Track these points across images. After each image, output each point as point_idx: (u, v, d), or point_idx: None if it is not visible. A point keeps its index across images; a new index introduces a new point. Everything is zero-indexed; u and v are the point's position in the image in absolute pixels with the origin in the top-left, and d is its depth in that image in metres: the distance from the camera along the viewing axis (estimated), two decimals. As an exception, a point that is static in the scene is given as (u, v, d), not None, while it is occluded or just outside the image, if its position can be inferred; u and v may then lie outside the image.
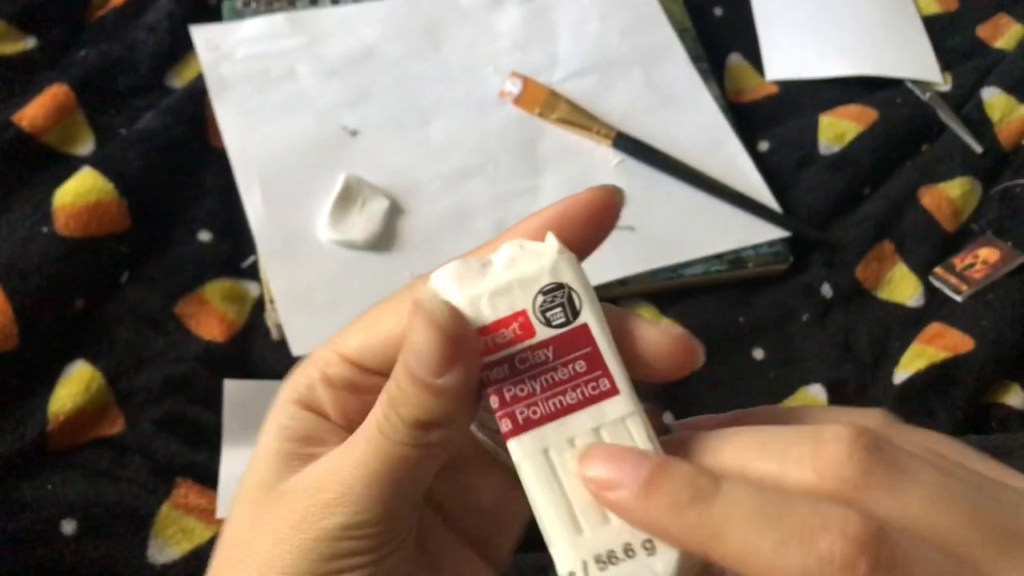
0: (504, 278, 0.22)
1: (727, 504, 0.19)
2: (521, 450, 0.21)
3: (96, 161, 0.53)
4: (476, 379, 0.22)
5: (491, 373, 0.21)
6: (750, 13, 0.70)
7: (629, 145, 0.59)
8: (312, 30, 0.62)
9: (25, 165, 0.54)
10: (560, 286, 0.22)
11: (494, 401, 0.21)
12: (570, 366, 0.21)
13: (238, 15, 0.62)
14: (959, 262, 0.56)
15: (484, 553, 0.27)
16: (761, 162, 0.60)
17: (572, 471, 0.21)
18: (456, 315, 0.21)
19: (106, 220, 0.51)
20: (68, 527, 0.43)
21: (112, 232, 0.51)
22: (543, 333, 0.21)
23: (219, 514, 0.45)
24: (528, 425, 0.21)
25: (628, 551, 0.20)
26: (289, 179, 0.55)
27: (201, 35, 0.60)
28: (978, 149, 0.61)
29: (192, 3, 0.62)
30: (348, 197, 0.54)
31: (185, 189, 0.55)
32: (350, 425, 0.25)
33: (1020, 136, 0.62)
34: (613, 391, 0.21)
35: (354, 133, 0.58)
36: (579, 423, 0.21)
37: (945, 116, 0.63)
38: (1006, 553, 0.18)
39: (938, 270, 0.56)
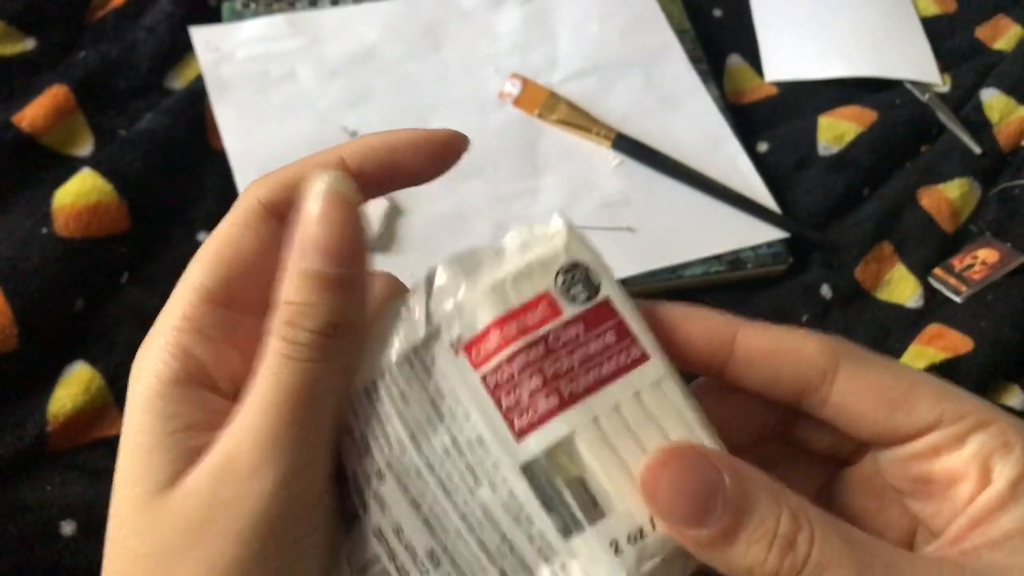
0: (522, 262, 0.22)
1: (826, 552, 0.20)
2: (571, 424, 0.21)
3: (96, 162, 0.53)
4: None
5: (528, 354, 0.22)
6: (749, 14, 0.70)
7: (629, 146, 0.59)
8: (312, 31, 0.62)
9: (25, 166, 0.54)
10: (577, 264, 0.23)
11: (536, 381, 0.21)
12: (601, 339, 0.22)
13: (238, 16, 0.63)
14: (958, 263, 0.56)
15: None
16: (760, 163, 0.60)
17: (624, 437, 0.21)
18: (356, 193, 0.22)
19: (106, 221, 0.51)
20: (68, 528, 0.43)
21: (112, 233, 0.51)
22: (569, 311, 0.22)
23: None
24: (573, 399, 0.21)
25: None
26: (289, 180, 0.55)
27: (201, 36, 0.60)
28: (977, 150, 0.61)
29: (192, 4, 0.62)
30: (348, 198, 0.54)
31: (185, 190, 0.55)
32: (231, 381, 0.23)
33: (1019, 137, 0.62)
34: (644, 357, 0.22)
35: (354, 134, 0.58)
36: (620, 391, 0.22)
37: (944, 117, 0.63)
38: None
39: (937, 271, 0.56)
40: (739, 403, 0.25)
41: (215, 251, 0.24)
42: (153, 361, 0.22)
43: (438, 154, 0.26)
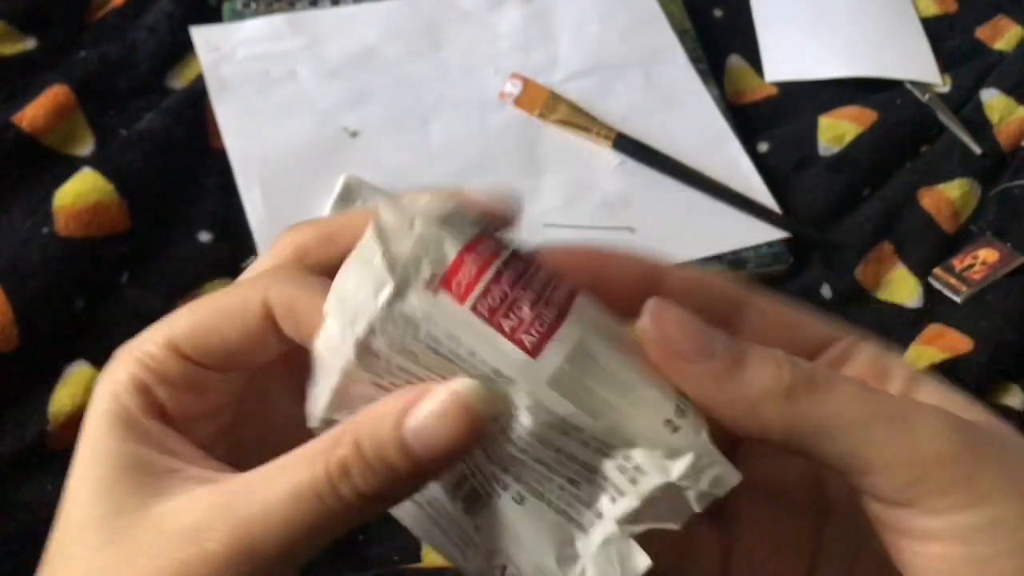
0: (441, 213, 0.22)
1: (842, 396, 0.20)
2: (577, 328, 0.21)
3: (96, 162, 0.53)
4: None
5: (511, 270, 0.21)
6: (750, 14, 0.70)
7: (629, 146, 0.59)
8: (312, 31, 0.62)
9: (25, 166, 0.54)
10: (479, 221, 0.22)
11: (530, 295, 0.21)
12: (538, 272, 0.22)
13: (238, 16, 0.63)
14: (958, 263, 0.56)
15: None
16: (760, 163, 0.60)
17: (624, 342, 0.21)
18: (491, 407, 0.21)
19: (106, 221, 0.51)
20: (68, 528, 0.43)
21: (112, 233, 0.51)
22: (502, 254, 0.22)
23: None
24: (566, 306, 0.21)
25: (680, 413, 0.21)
26: (289, 180, 0.55)
27: (201, 36, 0.60)
28: (977, 150, 0.61)
29: (192, 4, 0.62)
30: (348, 198, 0.54)
31: (185, 190, 0.55)
32: (189, 427, 0.23)
33: (1019, 137, 0.62)
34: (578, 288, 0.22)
35: (354, 134, 0.58)
36: (587, 311, 0.22)
37: (944, 117, 0.63)
38: None
39: (937, 271, 0.56)
40: None
41: (201, 315, 0.23)
42: (115, 385, 0.23)
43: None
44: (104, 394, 0.23)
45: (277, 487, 0.20)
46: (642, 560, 0.21)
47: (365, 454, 0.20)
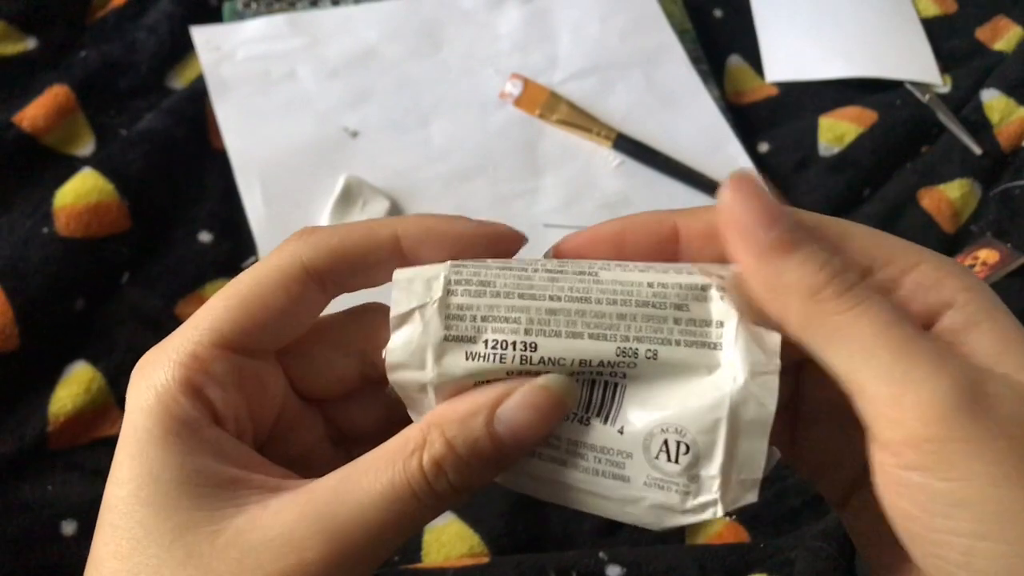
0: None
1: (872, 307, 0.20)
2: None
3: (97, 162, 0.53)
4: None
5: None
6: (750, 15, 0.70)
7: (629, 146, 0.59)
8: (313, 31, 0.62)
9: (26, 166, 0.54)
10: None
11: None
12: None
13: (239, 16, 0.63)
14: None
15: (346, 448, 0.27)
16: (761, 163, 0.60)
17: None
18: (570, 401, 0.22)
19: (106, 221, 0.51)
20: (68, 528, 0.43)
21: (112, 233, 0.51)
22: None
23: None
24: None
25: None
26: (290, 180, 0.55)
27: (202, 36, 0.60)
28: (977, 151, 0.61)
29: (193, 4, 0.62)
30: (348, 198, 0.54)
31: (186, 190, 0.55)
32: (239, 430, 0.23)
33: (1019, 138, 0.62)
34: None
35: (355, 134, 0.58)
36: None
37: (944, 118, 0.63)
38: None
39: (937, 272, 0.56)
40: None
41: (241, 298, 0.23)
42: (160, 392, 0.22)
43: (495, 249, 0.25)
44: (146, 402, 0.22)
45: (370, 490, 0.21)
46: (774, 337, 0.22)
47: (458, 452, 0.21)
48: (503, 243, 0.25)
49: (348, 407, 0.27)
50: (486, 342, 0.22)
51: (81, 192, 0.51)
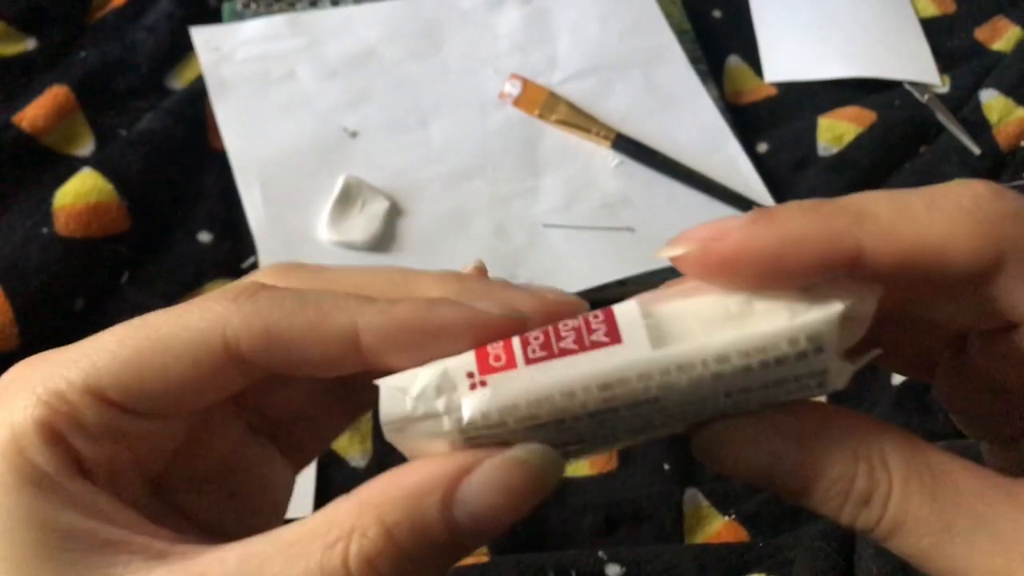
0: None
1: (904, 510, 0.19)
2: (633, 309, 0.19)
3: (96, 162, 0.53)
4: None
5: (529, 339, 0.19)
6: (749, 15, 0.70)
7: (628, 146, 0.59)
8: (312, 31, 0.62)
9: (25, 166, 0.54)
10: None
11: (574, 326, 0.19)
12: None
13: (238, 16, 0.63)
14: (957, 263, 0.56)
15: (289, 455, 0.23)
16: (760, 163, 0.60)
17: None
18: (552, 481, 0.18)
19: (106, 221, 0.51)
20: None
21: (112, 233, 0.51)
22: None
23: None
24: (608, 311, 0.20)
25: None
26: (289, 180, 0.55)
27: (201, 36, 0.60)
28: (976, 151, 0.61)
29: (192, 4, 0.62)
30: (348, 198, 0.54)
31: (185, 190, 0.55)
32: (115, 483, 0.19)
33: (1018, 138, 0.62)
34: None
35: (354, 134, 0.58)
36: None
37: (943, 118, 0.63)
38: None
39: (936, 271, 0.56)
40: None
41: (137, 352, 0.18)
42: (17, 431, 0.18)
43: (507, 333, 0.19)
44: (1, 438, 0.18)
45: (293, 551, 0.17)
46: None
47: (401, 544, 0.17)
48: (517, 328, 0.19)
49: (270, 392, 0.22)
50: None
51: (81, 192, 0.51)
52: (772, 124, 0.64)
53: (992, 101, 0.63)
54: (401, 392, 0.19)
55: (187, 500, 0.21)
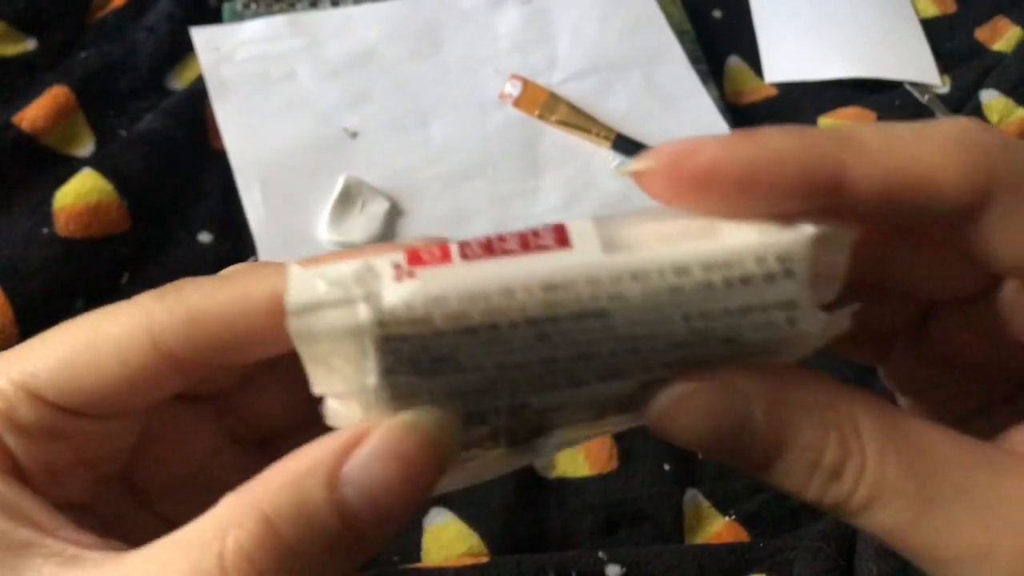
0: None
1: (878, 484, 0.17)
2: (586, 222, 0.18)
3: (96, 162, 0.53)
4: None
5: (470, 241, 0.17)
6: (749, 15, 0.70)
7: (628, 147, 0.59)
8: (312, 32, 0.62)
9: (25, 166, 0.54)
10: None
11: (517, 234, 0.17)
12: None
13: (238, 17, 0.63)
14: (958, 264, 0.56)
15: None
16: (760, 164, 0.60)
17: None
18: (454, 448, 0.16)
19: (106, 221, 0.51)
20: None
21: (112, 233, 0.51)
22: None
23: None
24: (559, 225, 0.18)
25: None
26: (289, 180, 0.55)
27: (201, 36, 0.60)
28: (976, 151, 0.61)
29: (192, 4, 0.62)
30: (348, 198, 0.54)
31: (185, 190, 0.55)
32: (56, 481, 0.18)
33: (1018, 138, 0.62)
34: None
35: (354, 135, 0.58)
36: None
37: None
38: None
39: (937, 272, 0.56)
40: None
41: (71, 349, 0.18)
42: None
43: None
44: None
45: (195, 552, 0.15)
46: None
47: (282, 535, 0.15)
48: None
49: (246, 396, 0.22)
50: (457, 411, 0.17)
51: (81, 192, 0.51)
52: (772, 124, 0.64)
53: (992, 101, 0.63)
54: (315, 276, 0.16)
55: (171, 509, 0.21)
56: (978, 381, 0.20)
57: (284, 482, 0.15)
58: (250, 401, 0.22)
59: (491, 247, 0.16)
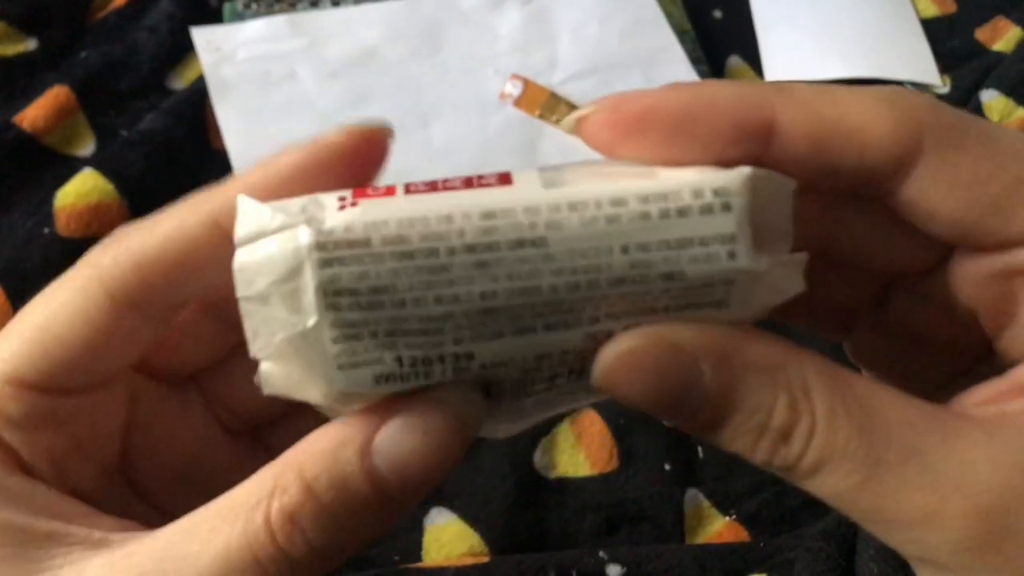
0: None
1: (828, 446, 0.17)
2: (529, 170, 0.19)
3: (97, 162, 0.53)
4: None
5: (416, 182, 0.18)
6: (749, 15, 0.70)
7: (629, 147, 0.59)
8: (313, 32, 0.62)
9: (26, 166, 0.54)
10: None
11: (462, 177, 0.18)
12: None
13: (239, 17, 0.63)
14: (958, 264, 0.56)
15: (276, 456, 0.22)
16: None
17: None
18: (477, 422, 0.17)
19: (107, 221, 0.51)
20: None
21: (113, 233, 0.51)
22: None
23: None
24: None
25: None
26: (290, 180, 0.55)
27: (202, 37, 0.60)
28: (977, 151, 0.61)
29: (193, 5, 0.62)
30: (348, 198, 0.54)
31: (186, 190, 0.54)
32: (61, 474, 0.19)
33: (1018, 138, 0.62)
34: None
35: (354, 134, 0.58)
36: None
37: (944, 118, 0.63)
38: None
39: (937, 272, 0.56)
40: None
41: (36, 328, 0.18)
42: None
43: (358, 172, 0.20)
44: None
45: (201, 557, 0.16)
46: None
47: (321, 499, 0.16)
48: (361, 158, 0.20)
49: (230, 383, 0.22)
50: (400, 360, 0.17)
51: (82, 192, 0.51)
52: (773, 124, 0.64)
53: (993, 102, 0.63)
54: (264, 208, 0.17)
55: (170, 502, 0.21)
56: (939, 356, 0.21)
57: (321, 450, 0.16)
58: (234, 388, 0.22)
59: (435, 185, 0.17)
